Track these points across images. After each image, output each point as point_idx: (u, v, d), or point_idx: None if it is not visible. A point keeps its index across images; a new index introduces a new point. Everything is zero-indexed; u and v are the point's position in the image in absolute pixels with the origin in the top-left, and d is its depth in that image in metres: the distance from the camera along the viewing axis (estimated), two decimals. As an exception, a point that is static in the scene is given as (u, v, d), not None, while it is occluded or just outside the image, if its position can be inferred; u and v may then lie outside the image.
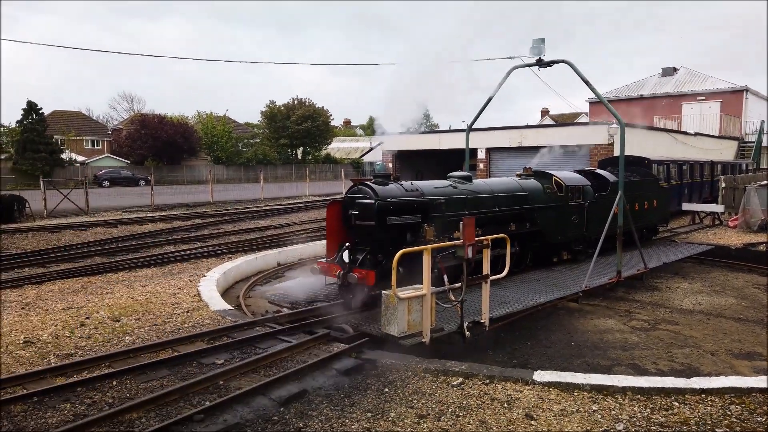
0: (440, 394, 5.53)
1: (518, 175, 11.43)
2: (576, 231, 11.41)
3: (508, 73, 11.67)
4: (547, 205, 10.79)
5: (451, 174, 10.01)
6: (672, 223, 18.26)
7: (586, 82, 10.20)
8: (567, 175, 11.65)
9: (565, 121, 51.79)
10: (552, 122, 53.75)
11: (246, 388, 5.48)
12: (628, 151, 14.76)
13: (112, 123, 72.77)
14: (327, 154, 64.50)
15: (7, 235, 17.01)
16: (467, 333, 7.17)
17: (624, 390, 5.51)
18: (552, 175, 11.23)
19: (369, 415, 5.10)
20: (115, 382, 5.73)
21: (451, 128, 39.77)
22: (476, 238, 7.16)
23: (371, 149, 63.46)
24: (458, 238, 8.07)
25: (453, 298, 7.23)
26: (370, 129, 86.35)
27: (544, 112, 68.93)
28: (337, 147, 70.70)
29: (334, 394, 5.56)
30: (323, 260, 8.72)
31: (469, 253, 7.09)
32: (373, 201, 7.99)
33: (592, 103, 38.08)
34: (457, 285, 7.17)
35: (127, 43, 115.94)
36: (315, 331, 7.35)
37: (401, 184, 8.51)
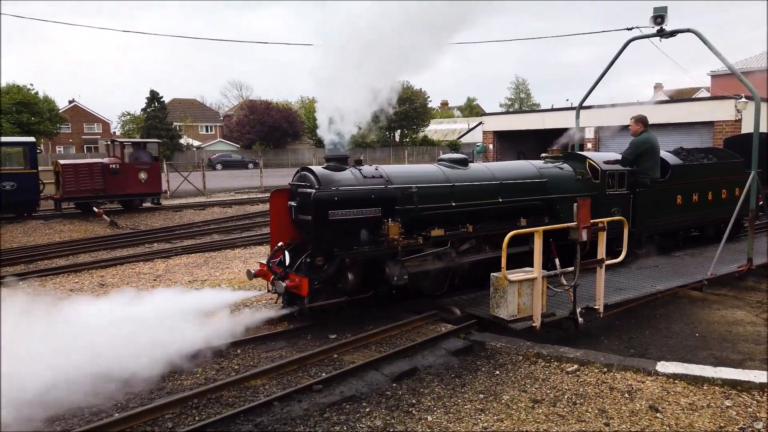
0: (554, 380, 5.39)
1: (544, 158, 9.73)
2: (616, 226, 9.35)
3: (625, 46, 10.96)
4: (574, 194, 8.64)
5: (441, 157, 8.52)
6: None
7: (716, 53, 9.32)
8: (607, 157, 9.61)
9: (680, 97, 47.90)
10: (666, 98, 49.92)
11: (359, 363, 5.65)
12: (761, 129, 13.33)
13: (223, 109, 77.25)
14: (424, 136, 64.38)
15: (137, 213, 18.74)
16: (580, 319, 6.91)
17: (761, 387, 5.05)
18: (586, 157, 9.33)
19: (481, 396, 5.08)
20: (239, 350, 6.14)
21: (554, 107, 38.18)
22: (589, 222, 6.83)
23: (469, 130, 62.47)
24: (444, 236, 7.34)
25: (565, 282, 6.99)
26: (467, 110, 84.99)
27: (658, 87, 64.12)
28: (434, 129, 70.30)
29: (444, 373, 5.60)
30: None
31: (584, 235, 6.80)
32: (311, 191, 6.62)
33: (714, 76, 34.88)
34: (570, 269, 6.92)
35: (233, 33, 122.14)
36: (421, 310, 7.42)
37: (360, 170, 7.14)
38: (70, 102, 61.48)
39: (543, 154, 9.84)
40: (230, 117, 64.75)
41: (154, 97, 45.92)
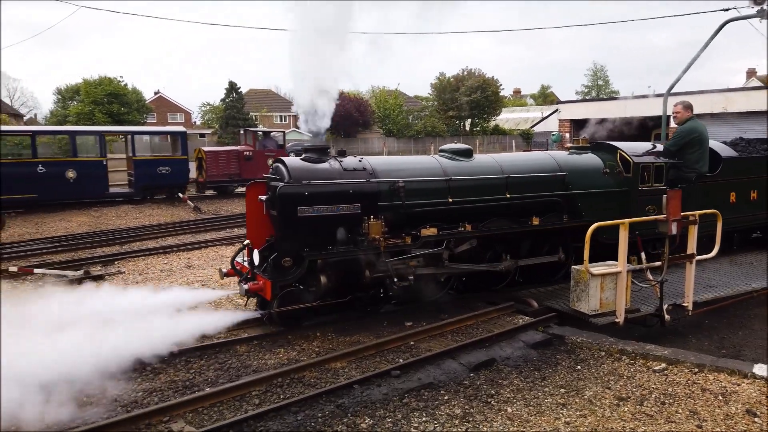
0: (640, 378, 5.19)
1: (568, 148, 8.77)
2: (651, 226, 7.47)
3: (721, 27, 10.28)
4: (599, 190, 7.86)
5: (442, 147, 7.76)
6: None
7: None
8: (645, 148, 8.43)
9: (780, 81, 44.24)
10: (760, 84, 46.28)
11: (436, 351, 5.68)
12: None
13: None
14: (495, 125, 63.19)
15: (218, 199, 19.64)
16: (667, 316, 6.60)
17: None
18: (617, 148, 8.20)
19: (562, 390, 4.98)
20: (318, 333, 6.32)
21: (634, 95, 36.34)
22: (679, 215, 6.47)
23: (543, 119, 60.69)
24: (436, 236, 6.65)
25: (651, 277, 6.69)
26: (541, 98, 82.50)
27: (750, 73, 59.59)
28: (506, 118, 68.80)
29: (522, 365, 5.52)
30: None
31: (674, 229, 6.47)
32: (279, 185, 6.14)
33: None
34: (657, 263, 6.61)
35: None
36: (497, 301, 7.33)
37: (340, 161, 6.56)
38: (156, 93, 64.86)
39: (568, 144, 9.05)
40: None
41: (232, 87, 47.59)
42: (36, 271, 9.30)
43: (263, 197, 6.37)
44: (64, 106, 45.81)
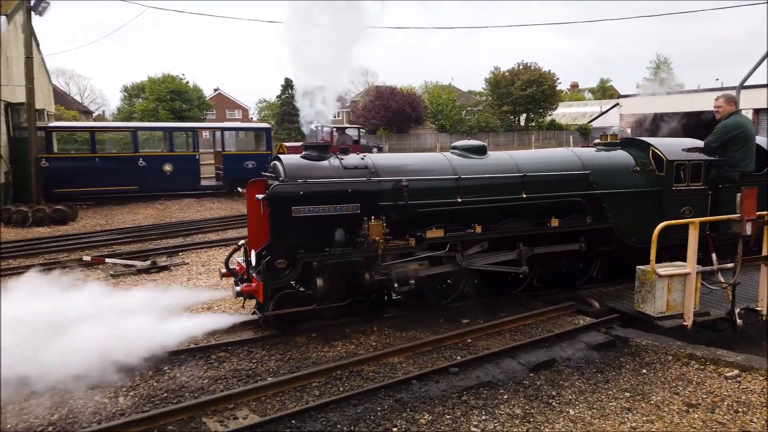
0: (711, 385, 4.98)
1: (596, 145, 8.18)
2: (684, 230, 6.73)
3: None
4: (627, 190, 7.31)
5: (455, 144, 7.34)
6: None
7: None
8: (683, 144, 7.72)
9: None
10: None
11: (494, 349, 5.63)
12: None
13: (349, 95, 79.71)
14: (552, 120, 61.72)
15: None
16: (739, 320, 6.29)
17: None
18: (650, 144, 7.51)
19: (627, 395, 4.84)
20: (375, 328, 6.37)
21: (700, 87, 34.63)
22: (755, 214, 6.13)
23: (602, 113, 58.83)
24: (442, 238, 6.28)
25: (722, 279, 6.39)
26: (600, 92, 79.94)
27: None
28: (563, 112, 67.05)
29: (584, 367, 5.40)
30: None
31: (748, 229, 6.14)
32: (274, 183, 5.94)
33: None
34: (729, 265, 6.30)
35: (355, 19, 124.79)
36: (557, 301, 7.18)
37: (341, 159, 6.28)
38: (215, 90, 66.89)
39: (596, 141, 8.40)
40: (356, 103, 66.67)
41: (288, 84, 48.51)
42: (107, 260, 9.80)
43: (260, 196, 6.05)
44: (130, 103, 47.94)
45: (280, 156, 6.30)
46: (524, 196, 6.87)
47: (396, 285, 6.30)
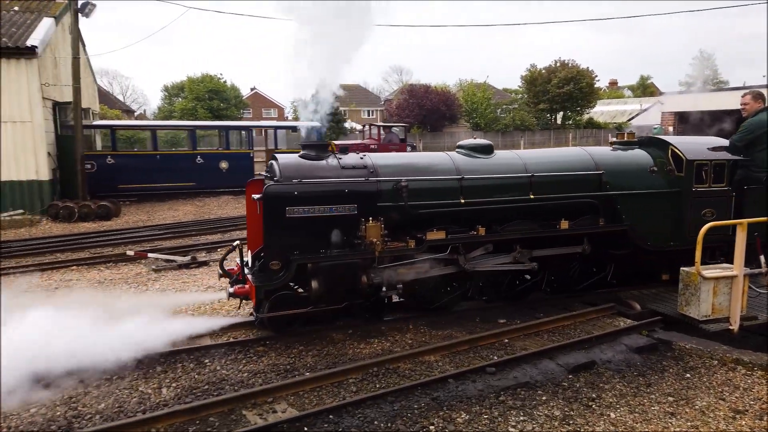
0: (759, 391, 4.81)
1: (612, 143, 7.86)
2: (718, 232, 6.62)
3: None
4: (643, 191, 6.97)
5: (461, 143, 7.12)
6: None
7: None
8: (707, 143, 7.30)
9: None
10: None
11: (532, 350, 5.56)
12: None
13: (383, 94, 79.81)
14: (589, 118, 60.51)
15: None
16: (788, 326, 6.07)
17: None
18: (669, 143, 7.16)
19: (670, 399, 4.71)
20: (410, 326, 6.38)
21: (746, 84, 33.41)
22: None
23: (642, 111, 57.39)
24: (443, 240, 6.06)
25: (771, 283, 6.17)
26: (640, 89, 78.00)
27: None
28: (601, 111, 65.66)
29: (625, 370, 5.28)
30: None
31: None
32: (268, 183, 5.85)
33: None
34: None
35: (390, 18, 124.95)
36: (596, 302, 7.05)
37: (340, 159, 6.14)
38: (252, 89, 67.94)
39: (612, 140, 8.08)
40: (391, 101, 66.74)
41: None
42: (150, 255, 10.08)
43: (256, 196, 5.90)
44: (170, 102, 49.10)
45: (276, 155, 6.21)
46: (532, 197, 6.63)
47: (384, 289, 6.08)
